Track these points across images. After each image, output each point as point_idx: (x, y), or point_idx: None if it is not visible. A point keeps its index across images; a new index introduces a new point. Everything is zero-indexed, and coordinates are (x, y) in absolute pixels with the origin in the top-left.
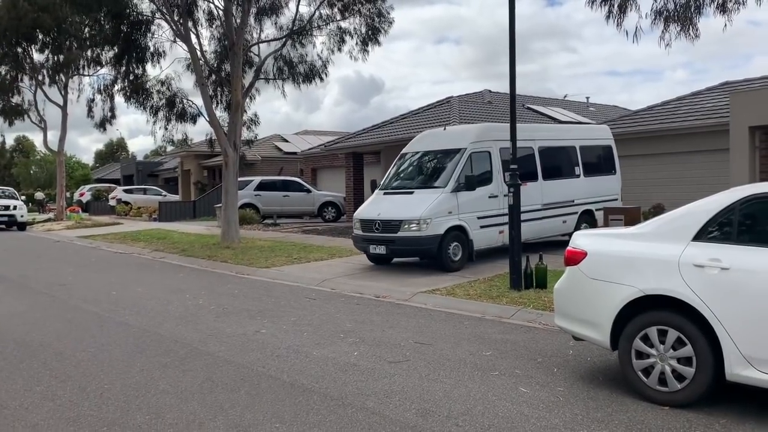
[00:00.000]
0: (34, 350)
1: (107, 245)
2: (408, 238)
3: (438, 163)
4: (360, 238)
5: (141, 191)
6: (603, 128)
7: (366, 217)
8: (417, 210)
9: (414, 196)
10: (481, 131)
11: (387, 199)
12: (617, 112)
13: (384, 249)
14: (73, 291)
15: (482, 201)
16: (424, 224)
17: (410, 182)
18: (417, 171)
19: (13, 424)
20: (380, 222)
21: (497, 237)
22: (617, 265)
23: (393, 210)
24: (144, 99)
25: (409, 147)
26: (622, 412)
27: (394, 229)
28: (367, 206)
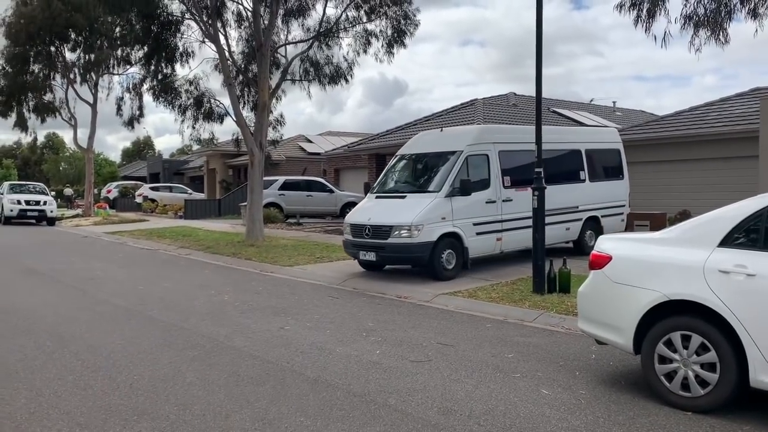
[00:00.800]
0: (66, 341)
1: (134, 241)
2: (399, 245)
3: (433, 167)
4: (350, 244)
5: (167, 189)
6: (611, 131)
7: (356, 222)
8: (408, 215)
9: (406, 200)
10: (479, 133)
11: (379, 203)
12: (644, 117)
13: (374, 256)
14: (102, 285)
15: (479, 206)
16: (415, 230)
17: (403, 186)
18: (411, 174)
19: (47, 411)
20: (370, 227)
21: (494, 244)
22: (642, 270)
23: (384, 215)
24: (173, 98)
25: (405, 149)
26: (644, 416)
27: (384, 236)
28: (358, 210)
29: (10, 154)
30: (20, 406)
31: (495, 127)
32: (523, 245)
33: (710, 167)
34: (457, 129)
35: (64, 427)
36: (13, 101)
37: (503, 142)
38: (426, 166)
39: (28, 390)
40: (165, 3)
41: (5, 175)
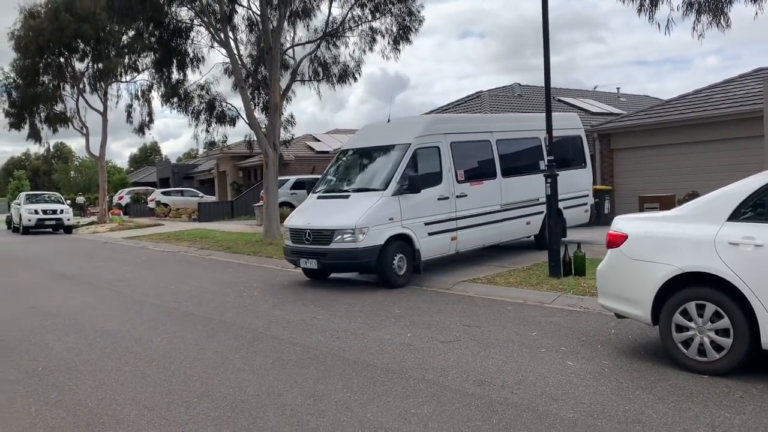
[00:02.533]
0: (114, 337)
1: (153, 245)
2: (342, 250)
3: (379, 162)
4: (290, 250)
5: (178, 193)
6: (571, 116)
7: (295, 225)
8: (351, 217)
9: (349, 200)
10: (429, 124)
11: (320, 204)
12: (648, 102)
13: (315, 263)
14: (133, 286)
15: (430, 204)
16: (360, 234)
17: (347, 184)
18: (355, 171)
19: (114, 397)
20: (311, 232)
21: (449, 244)
22: (657, 246)
23: (324, 217)
24: (186, 103)
25: (350, 143)
26: (664, 381)
27: (325, 240)
28: (297, 213)
29: (19, 165)
30: (88, 394)
31: (445, 116)
32: (480, 244)
33: (717, 149)
34: (405, 119)
35: (133, 410)
36: (25, 113)
37: (455, 132)
38: (371, 162)
39: (92, 380)
40: (174, 10)
41: (17, 186)
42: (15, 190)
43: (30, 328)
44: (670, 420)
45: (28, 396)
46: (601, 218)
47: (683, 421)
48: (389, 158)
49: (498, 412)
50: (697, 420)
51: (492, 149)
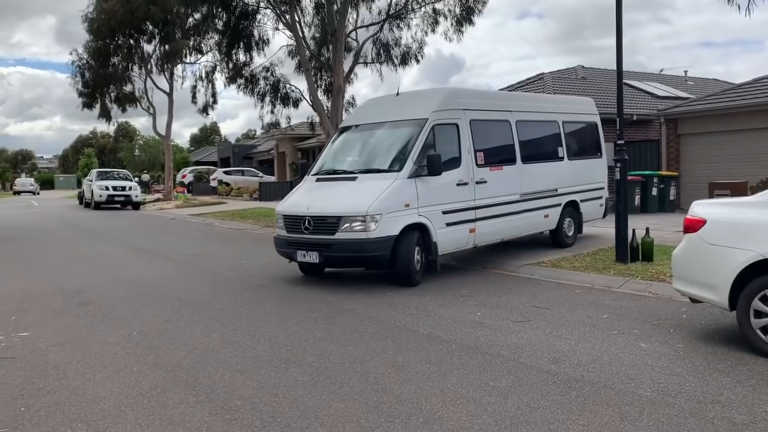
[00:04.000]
0: (198, 306)
1: (219, 222)
2: (350, 241)
3: (390, 139)
4: (284, 242)
5: (239, 173)
6: (587, 101)
7: (291, 212)
8: (361, 202)
9: (357, 183)
10: (447, 97)
11: (320, 187)
12: (718, 85)
13: (316, 256)
14: (207, 260)
15: (449, 190)
16: (371, 222)
17: (352, 165)
18: (362, 149)
19: (206, 360)
20: (311, 219)
21: (467, 237)
22: (736, 232)
23: (328, 202)
24: (252, 85)
25: (352, 118)
26: (741, 365)
27: (330, 229)
28: (293, 197)
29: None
30: (182, 357)
31: (464, 89)
32: (499, 237)
33: None
34: (419, 92)
35: (226, 373)
36: (96, 93)
37: (475, 109)
38: (381, 139)
39: (184, 345)
40: None
41: (87, 164)
42: (84, 167)
43: (120, 295)
44: (750, 402)
45: (128, 357)
46: (666, 205)
47: (764, 404)
48: (403, 135)
49: (575, 389)
50: None
51: (512, 131)
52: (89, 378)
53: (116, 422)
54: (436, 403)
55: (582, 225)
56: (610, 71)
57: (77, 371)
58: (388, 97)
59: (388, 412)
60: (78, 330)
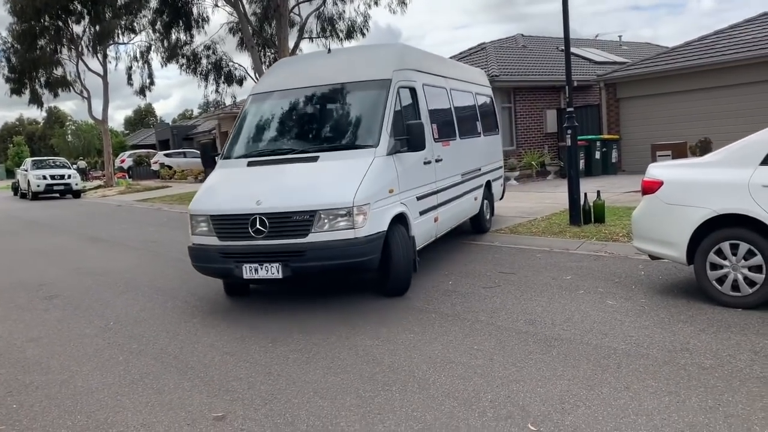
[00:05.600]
0: (170, 293)
1: (168, 207)
2: (330, 244)
3: (344, 107)
4: (213, 254)
5: (181, 155)
6: (482, 72)
7: (228, 210)
8: (343, 190)
9: (321, 164)
10: (403, 55)
11: (265, 174)
12: (650, 49)
13: (279, 269)
14: (167, 246)
15: (418, 170)
16: (360, 215)
17: (300, 142)
18: (305, 122)
19: (192, 345)
20: (266, 218)
21: (433, 228)
22: (692, 191)
23: (290, 193)
24: (194, 65)
25: (271, 82)
26: (702, 315)
27: (299, 230)
28: (221, 190)
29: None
30: (166, 344)
31: (414, 48)
32: (449, 226)
33: (724, 95)
34: (363, 48)
35: (216, 355)
36: (25, 78)
37: (425, 72)
38: (329, 108)
39: (165, 332)
40: None
41: (17, 153)
42: (15, 156)
43: (85, 287)
44: (715, 348)
45: (111, 347)
46: (609, 168)
47: (727, 348)
48: (362, 101)
49: (554, 347)
50: (739, 347)
51: (450, 101)
52: (76, 371)
53: (116, 411)
54: (427, 370)
55: (494, 207)
56: (548, 39)
57: (61, 365)
58: (314, 55)
59: (383, 381)
60: (51, 324)
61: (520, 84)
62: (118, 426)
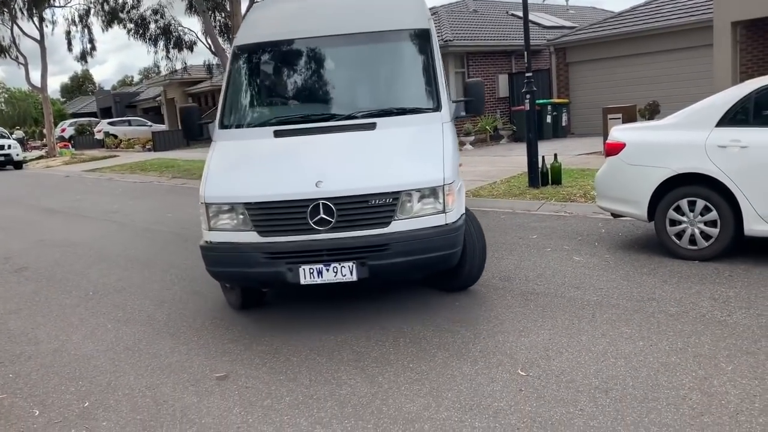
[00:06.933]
0: (145, 263)
1: (120, 176)
2: (418, 234)
3: (381, 62)
4: (258, 255)
5: (125, 123)
6: None
7: (274, 196)
8: (428, 164)
9: (382, 132)
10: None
11: (304, 146)
12: (596, 14)
13: (353, 269)
14: (129, 216)
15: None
16: (449, 196)
17: (342, 105)
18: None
19: (180, 312)
20: (332, 203)
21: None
22: (652, 152)
23: (361, 171)
24: (143, 30)
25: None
26: (663, 267)
27: (379, 218)
28: (250, 169)
29: None
30: (153, 312)
31: None
32: None
33: (670, 58)
34: None
35: (205, 320)
36: None
37: None
38: (364, 63)
39: (149, 301)
40: None
41: None
42: None
43: (54, 258)
44: (678, 297)
45: (96, 316)
46: (559, 131)
47: (689, 296)
48: (404, 56)
49: (532, 300)
50: (700, 295)
51: None
52: (65, 340)
53: (117, 376)
54: (415, 326)
55: None
56: (498, 2)
57: (49, 335)
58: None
59: (375, 338)
60: (27, 296)
61: (473, 49)
62: (122, 389)
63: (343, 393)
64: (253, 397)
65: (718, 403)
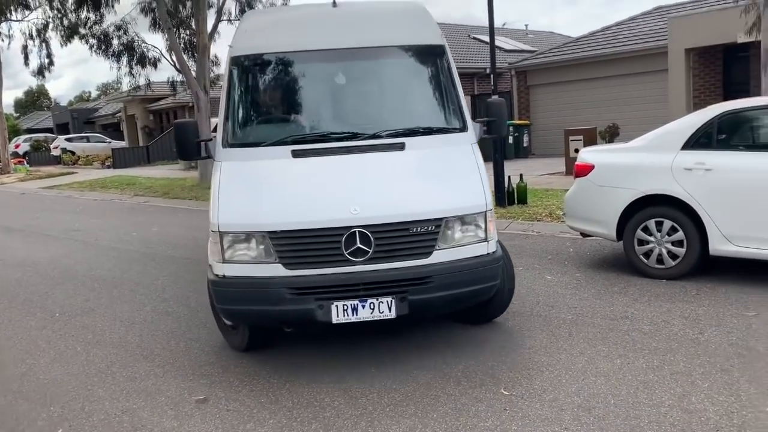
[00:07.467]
0: (112, 282)
1: (79, 194)
2: (462, 265)
3: (398, 79)
4: (284, 291)
5: (84, 139)
6: None
7: (304, 223)
8: (469, 188)
9: (412, 153)
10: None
11: (329, 167)
12: (554, 38)
13: (393, 305)
14: (93, 235)
15: None
16: (491, 223)
17: (362, 123)
18: (356, 96)
19: (152, 333)
20: (370, 232)
21: None
22: (621, 173)
23: (398, 195)
24: (105, 46)
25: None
26: (632, 285)
27: (420, 247)
28: (270, 192)
29: None
30: (124, 334)
31: None
32: None
33: (627, 83)
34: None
35: (180, 342)
36: None
37: None
38: (380, 79)
39: (119, 322)
40: None
41: None
42: None
43: (15, 278)
44: (650, 315)
45: (65, 338)
46: (521, 151)
47: (661, 315)
48: (420, 73)
49: (509, 319)
50: (671, 313)
51: None
52: (33, 364)
53: (91, 400)
54: (395, 346)
55: None
56: (460, 26)
57: (15, 358)
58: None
59: (357, 356)
60: None
61: None
62: (98, 414)
63: (327, 415)
64: (235, 421)
65: (698, 420)
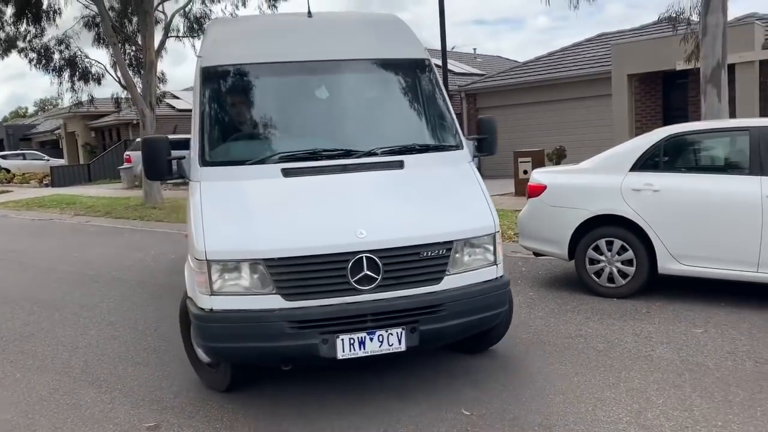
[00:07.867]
0: (53, 305)
1: (15, 213)
2: (472, 291)
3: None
4: (283, 324)
5: (19, 156)
6: None
7: (305, 249)
8: (476, 208)
9: (412, 172)
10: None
11: (324, 186)
12: (502, 62)
13: (402, 336)
14: (32, 256)
15: None
16: (499, 245)
17: (355, 140)
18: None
19: (98, 357)
20: (378, 257)
21: None
22: (572, 194)
23: (405, 217)
24: (46, 60)
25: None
26: (584, 304)
27: (430, 273)
28: (265, 215)
29: None
30: (68, 358)
31: None
32: None
33: (573, 106)
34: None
35: (128, 367)
36: None
37: None
38: (366, 94)
39: (62, 345)
40: None
41: None
42: None
43: None
44: (603, 332)
45: (2, 364)
46: None
47: (613, 332)
48: (407, 88)
49: None
50: (623, 331)
51: None
52: None
53: (33, 430)
54: (351, 369)
55: None
56: None
57: None
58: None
59: (320, 382)
60: None
61: None
62: None
63: None
64: None
65: None
